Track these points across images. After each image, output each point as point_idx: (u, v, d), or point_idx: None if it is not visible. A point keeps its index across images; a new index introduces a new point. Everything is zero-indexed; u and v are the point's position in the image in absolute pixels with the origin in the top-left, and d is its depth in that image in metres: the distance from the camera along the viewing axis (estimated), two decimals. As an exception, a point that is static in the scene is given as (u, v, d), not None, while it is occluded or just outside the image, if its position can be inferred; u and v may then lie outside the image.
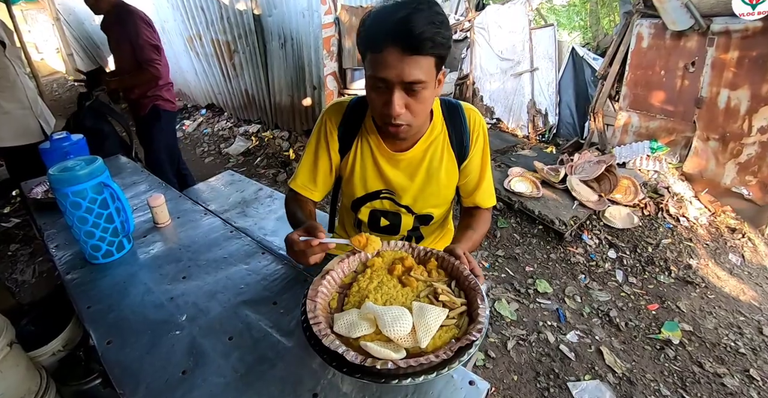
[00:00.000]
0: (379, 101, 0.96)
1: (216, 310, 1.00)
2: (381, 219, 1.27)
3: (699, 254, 2.95)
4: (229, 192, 2.25)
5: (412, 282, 0.86)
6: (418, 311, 0.77)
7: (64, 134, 1.53)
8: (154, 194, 1.36)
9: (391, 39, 0.87)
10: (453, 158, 1.17)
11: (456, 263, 0.89)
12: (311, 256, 0.88)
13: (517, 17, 4.76)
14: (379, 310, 0.76)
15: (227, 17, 4.48)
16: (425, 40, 0.85)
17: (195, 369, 0.85)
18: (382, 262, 0.93)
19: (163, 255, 1.24)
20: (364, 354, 0.69)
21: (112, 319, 1.01)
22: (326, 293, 0.84)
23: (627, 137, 3.97)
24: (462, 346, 0.70)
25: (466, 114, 1.17)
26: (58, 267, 1.25)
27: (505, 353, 2.13)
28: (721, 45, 3.21)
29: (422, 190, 1.19)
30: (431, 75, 0.93)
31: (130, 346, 0.93)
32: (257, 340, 0.91)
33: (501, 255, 2.94)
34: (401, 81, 0.90)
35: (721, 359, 2.19)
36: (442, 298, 0.81)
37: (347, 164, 1.19)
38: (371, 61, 0.92)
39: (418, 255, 0.96)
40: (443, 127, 1.16)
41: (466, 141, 1.16)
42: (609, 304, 2.50)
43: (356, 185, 1.21)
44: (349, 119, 1.16)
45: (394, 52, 0.87)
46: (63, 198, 1.11)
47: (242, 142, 4.88)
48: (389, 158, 1.15)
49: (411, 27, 0.84)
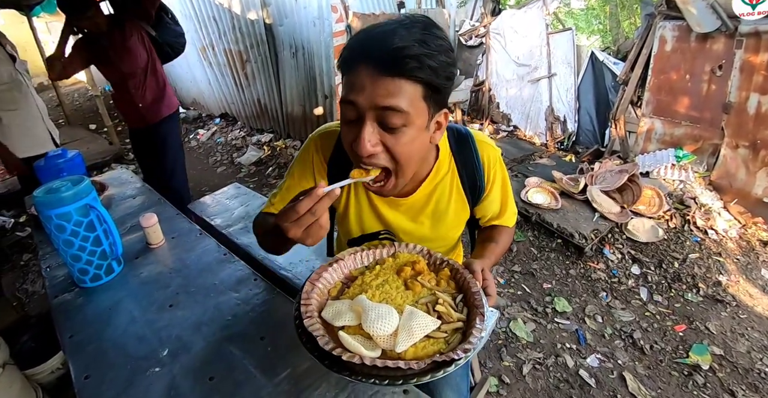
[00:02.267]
0: (348, 135, 0.78)
1: (199, 345, 0.93)
2: None
3: (729, 270, 2.79)
4: (234, 206, 2.19)
5: (416, 286, 0.81)
6: (407, 315, 0.73)
7: (59, 151, 1.49)
8: (146, 214, 1.30)
9: (366, 55, 0.71)
10: (464, 199, 1.02)
11: (468, 277, 0.82)
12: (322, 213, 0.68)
13: (533, 22, 4.66)
14: (366, 305, 0.73)
15: (239, 27, 4.49)
16: (406, 58, 0.68)
17: (170, 416, 0.77)
18: (394, 262, 0.88)
19: (152, 280, 1.18)
20: (338, 343, 0.67)
21: (92, 351, 0.95)
22: (329, 279, 0.83)
23: (650, 145, 3.81)
24: (439, 362, 0.65)
25: (480, 149, 0.98)
26: (47, 290, 1.20)
27: (521, 378, 2.01)
28: (750, 47, 3.06)
29: (425, 234, 1.04)
30: (416, 108, 0.73)
31: (107, 383, 0.86)
32: (239, 384, 0.83)
33: (517, 270, 2.82)
34: (373, 106, 0.72)
35: (755, 386, 2.04)
36: (439, 309, 0.76)
37: (340, 201, 1.03)
38: (344, 85, 0.76)
39: (434, 262, 0.89)
40: (451, 165, 0.98)
41: (480, 181, 1.00)
42: (632, 325, 2.36)
43: (352, 225, 1.05)
44: (340, 153, 0.94)
45: (365, 70, 0.70)
46: (47, 221, 1.06)
47: (254, 151, 4.86)
48: (388, 202, 0.99)
49: (390, 41, 0.68)
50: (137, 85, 2.58)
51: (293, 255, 1.73)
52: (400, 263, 0.87)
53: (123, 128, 6.68)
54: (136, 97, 2.59)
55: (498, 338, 2.24)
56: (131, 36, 2.48)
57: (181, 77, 6.13)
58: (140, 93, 2.60)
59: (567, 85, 4.58)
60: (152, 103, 2.67)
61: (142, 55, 2.54)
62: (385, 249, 0.90)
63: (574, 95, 4.54)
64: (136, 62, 2.53)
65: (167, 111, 2.76)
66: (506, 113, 5.21)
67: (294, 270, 1.64)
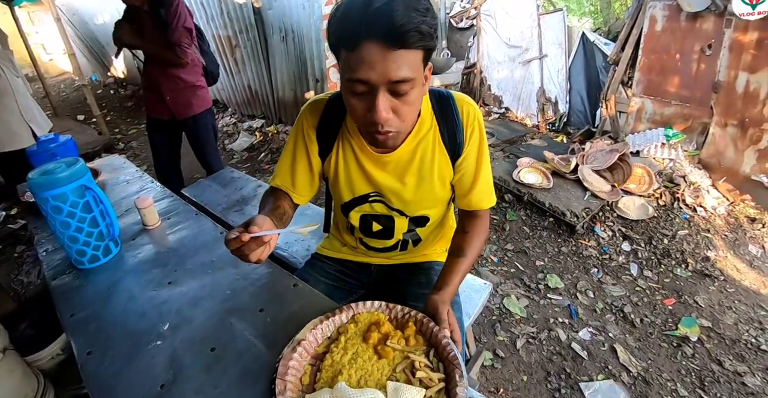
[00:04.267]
0: (360, 107, 0.83)
1: (200, 319, 0.95)
2: (373, 223, 1.16)
3: (717, 246, 2.84)
4: (229, 190, 2.20)
5: (389, 353, 0.81)
6: (392, 393, 0.73)
7: (52, 135, 1.49)
8: (142, 196, 1.31)
9: (371, 33, 0.73)
10: (446, 155, 1.05)
11: (435, 329, 0.83)
12: (249, 253, 0.79)
13: (524, 3, 4.63)
14: (352, 394, 0.71)
15: (227, 12, 4.43)
16: (410, 31, 0.72)
17: (174, 384, 0.79)
18: (357, 329, 0.86)
19: (150, 259, 1.19)
20: None
21: (93, 328, 0.97)
22: (297, 368, 0.79)
23: (641, 124, 3.84)
24: None
25: (459, 105, 1.03)
26: (45, 273, 1.21)
27: (514, 352, 2.06)
28: (739, 26, 3.07)
29: (414, 192, 1.07)
30: (419, 71, 0.80)
31: (110, 358, 0.88)
32: (241, 352, 0.85)
33: (510, 249, 2.86)
34: (387, 81, 0.77)
35: (742, 356, 2.10)
36: (420, 375, 0.76)
37: (330, 167, 1.08)
38: (347, 61, 0.78)
39: (396, 317, 0.89)
40: (433, 122, 1.03)
41: (460, 136, 1.03)
42: (623, 299, 2.41)
43: (342, 189, 1.10)
44: (327, 119, 1.05)
45: (374, 47, 0.74)
46: (43, 202, 1.06)
47: (246, 137, 4.84)
48: (375, 160, 1.04)
49: (392, 16, 0.71)
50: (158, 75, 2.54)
51: (289, 235, 1.75)
52: (363, 328, 0.86)
53: (112, 118, 6.62)
54: (163, 87, 2.54)
55: (492, 314, 2.28)
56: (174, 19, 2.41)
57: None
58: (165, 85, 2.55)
59: (558, 66, 4.58)
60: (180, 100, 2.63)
61: None
62: (343, 314, 0.89)
63: (565, 76, 4.54)
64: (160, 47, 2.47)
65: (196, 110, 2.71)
66: (498, 95, 5.21)
67: (290, 250, 1.66)
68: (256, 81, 4.80)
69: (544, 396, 1.86)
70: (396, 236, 1.19)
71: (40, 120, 2.52)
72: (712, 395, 1.88)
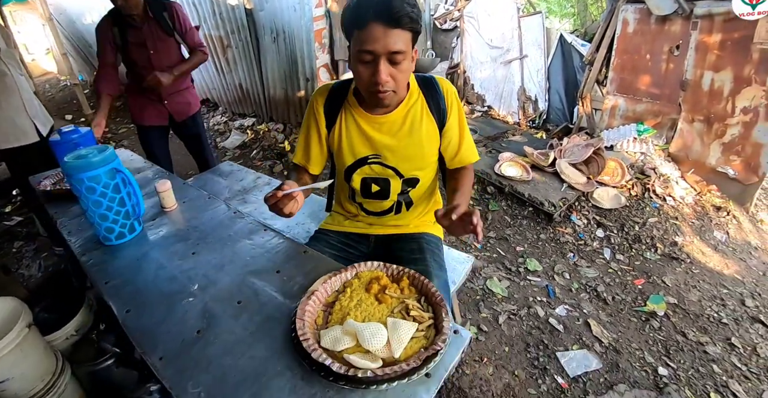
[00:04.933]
0: (366, 72, 1.10)
1: (225, 280, 1.10)
2: (372, 185, 1.37)
3: (684, 232, 3.06)
4: (229, 181, 2.34)
5: (387, 299, 0.97)
6: (392, 326, 0.89)
7: (72, 127, 1.61)
8: (161, 180, 1.45)
9: (376, 16, 1.01)
10: (433, 121, 1.31)
11: (425, 281, 1.00)
12: (283, 207, 1.06)
13: (505, 5, 4.82)
14: (359, 327, 0.87)
15: (219, 13, 4.53)
16: (404, 16, 1.01)
17: (208, 329, 0.94)
18: (360, 282, 1.03)
19: (172, 235, 1.34)
20: (347, 364, 0.80)
21: (129, 292, 1.10)
22: (312, 312, 0.95)
23: (615, 121, 4.06)
24: (429, 355, 0.82)
25: (440, 84, 1.32)
26: (74, 251, 1.34)
27: (497, 327, 2.24)
28: (704, 28, 3.28)
29: (406, 149, 1.30)
30: (409, 47, 1.08)
31: (147, 314, 1.02)
32: (264, 303, 1.01)
33: (493, 236, 3.04)
34: (386, 51, 1.05)
35: (704, 329, 2.30)
36: (413, 313, 0.93)
37: (335, 136, 1.32)
38: (358, 38, 1.06)
39: (392, 274, 1.06)
40: (420, 95, 1.30)
41: (443, 106, 1.31)
42: (597, 280, 2.61)
43: (345, 153, 1.33)
44: (333, 97, 1.31)
45: (378, 26, 1.02)
46: (78, 183, 1.19)
47: (238, 135, 4.95)
48: (373, 122, 1.28)
49: (390, 5, 1.00)
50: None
51: (290, 220, 1.90)
52: (365, 282, 1.03)
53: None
54: (163, 92, 2.54)
55: (476, 294, 2.46)
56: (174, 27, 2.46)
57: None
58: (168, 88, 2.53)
59: (538, 66, 4.78)
60: (179, 100, 2.64)
61: (175, 51, 2.54)
62: (348, 272, 1.05)
63: (545, 76, 4.75)
64: (172, 55, 2.52)
65: (194, 109, 2.74)
66: (481, 94, 5.40)
67: (291, 232, 1.81)
68: (248, 80, 4.91)
69: (524, 364, 2.04)
70: (391, 197, 1.40)
71: (43, 117, 2.59)
72: (676, 362, 2.08)
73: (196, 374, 0.84)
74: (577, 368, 2.00)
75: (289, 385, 0.80)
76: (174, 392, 0.80)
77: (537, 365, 2.03)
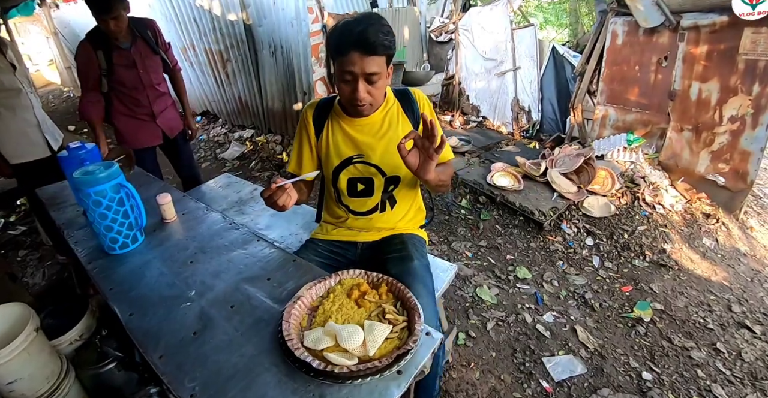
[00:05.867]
0: (347, 89, 1.30)
1: (220, 286, 1.18)
2: (357, 184, 1.51)
3: (673, 239, 3.13)
4: (227, 193, 2.43)
5: (366, 303, 1.06)
6: (368, 328, 0.97)
7: (79, 143, 1.70)
8: (162, 194, 1.54)
9: (355, 46, 1.20)
10: (408, 122, 1.48)
11: (402, 287, 1.09)
12: (277, 199, 1.20)
13: (498, 18, 4.95)
14: (338, 328, 0.96)
15: (219, 28, 4.66)
16: (378, 46, 1.20)
17: (204, 331, 1.03)
18: (342, 288, 1.12)
19: (171, 245, 1.42)
20: (326, 362, 0.89)
21: (132, 297, 1.19)
22: (297, 315, 1.03)
23: (605, 130, 4.15)
24: (400, 354, 0.90)
25: (413, 92, 1.52)
26: (80, 259, 1.42)
27: (485, 333, 2.31)
28: (691, 40, 3.38)
29: (386, 147, 1.45)
30: (383, 68, 1.28)
31: (149, 316, 1.11)
32: (255, 307, 1.09)
33: (484, 245, 3.12)
34: (363, 73, 1.24)
35: (690, 334, 2.35)
36: (388, 317, 1.02)
37: (323, 142, 1.50)
38: (341, 62, 1.25)
39: (372, 281, 1.15)
40: (396, 102, 1.49)
41: (416, 110, 1.50)
42: (585, 287, 2.68)
43: (332, 156, 1.48)
44: (321, 108, 1.51)
45: (357, 54, 1.21)
46: (86, 197, 1.28)
47: (237, 147, 5.05)
48: (355, 125, 1.46)
49: (368, 36, 1.19)
50: (154, 98, 2.55)
51: (284, 230, 2.00)
52: (347, 288, 1.11)
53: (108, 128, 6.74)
54: (155, 109, 2.56)
55: (465, 301, 2.53)
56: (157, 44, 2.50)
57: (162, 77, 6.24)
58: (157, 106, 2.57)
59: (531, 77, 4.89)
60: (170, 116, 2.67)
61: (161, 67, 2.58)
62: (332, 279, 1.13)
63: (538, 87, 4.85)
64: (159, 72, 2.57)
65: (181, 123, 2.77)
66: (475, 105, 5.51)
67: (285, 243, 1.90)
68: (247, 93, 5.03)
69: (511, 369, 2.11)
70: (376, 194, 1.53)
71: (54, 132, 2.70)
72: (660, 367, 2.14)
73: (192, 370, 0.92)
74: (562, 373, 2.07)
75: (274, 380, 0.88)
76: (172, 386, 0.88)
77: (523, 370, 2.09)
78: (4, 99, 2.38)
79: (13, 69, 2.40)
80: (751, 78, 3.13)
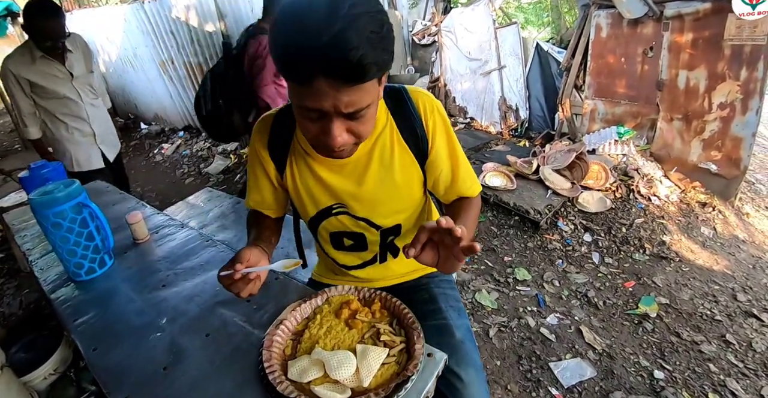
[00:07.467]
0: (314, 130, 0.79)
1: (194, 311, 1.07)
2: (343, 239, 1.13)
3: (671, 230, 3.07)
4: (209, 207, 2.32)
5: (358, 324, 0.93)
6: (361, 353, 0.85)
7: (42, 162, 1.60)
8: (132, 212, 1.43)
9: (325, 71, 0.66)
10: (408, 152, 1.00)
11: (397, 303, 0.96)
12: (240, 290, 0.85)
13: (481, 18, 4.90)
14: (326, 356, 0.84)
15: (197, 40, 4.58)
16: (368, 65, 0.66)
17: (175, 365, 0.92)
18: (330, 308, 0.99)
19: (143, 268, 1.31)
20: (314, 397, 0.77)
21: (97, 328, 1.08)
22: (280, 342, 0.91)
23: (595, 124, 4.10)
24: (399, 382, 0.78)
25: (414, 99, 0.98)
26: (43, 288, 1.31)
27: (487, 340, 2.21)
28: (675, 29, 3.34)
29: (375, 195, 1.02)
30: (375, 92, 0.77)
31: (114, 350, 0.99)
32: (232, 334, 0.98)
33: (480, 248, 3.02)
34: (340, 112, 0.73)
35: (698, 327, 2.28)
36: (384, 338, 0.89)
37: (288, 182, 1.05)
38: (297, 91, 0.73)
39: (364, 297, 1.02)
40: (389, 119, 0.97)
41: (421, 131, 0.98)
42: (587, 286, 2.60)
43: (306, 203, 1.07)
44: (276, 135, 1.02)
45: (329, 83, 0.68)
46: (44, 220, 1.17)
47: (221, 160, 4.94)
48: (331, 165, 0.99)
49: (348, 52, 0.63)
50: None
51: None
52: (335, 307, 0.98)
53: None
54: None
55: (465, 308, 2.43)
56: None
57: (142, 92, 6.14)
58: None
59: (516, 75, 4.84)
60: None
61: None
62: (318, 298, 1.01)
63: (524, 84, 4.80)
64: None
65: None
66: (462, 106, 5.45)
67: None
68: (229, 105, 4.93)
69: (517, 377, 2.01)
70: (371, 248, 1.15)
71: (110, 143, 2.70)
72: (671, 364, 2.06)
73: (160, 413, 0.81)
74: (572, 378, 1.97)
75: (254, 419, 0.77)
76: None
77: (530, 378, 1.99)
78: (59, 107, 2.41)
79: (71, 77, 2.39)
80: (738, 63, 3.09)
